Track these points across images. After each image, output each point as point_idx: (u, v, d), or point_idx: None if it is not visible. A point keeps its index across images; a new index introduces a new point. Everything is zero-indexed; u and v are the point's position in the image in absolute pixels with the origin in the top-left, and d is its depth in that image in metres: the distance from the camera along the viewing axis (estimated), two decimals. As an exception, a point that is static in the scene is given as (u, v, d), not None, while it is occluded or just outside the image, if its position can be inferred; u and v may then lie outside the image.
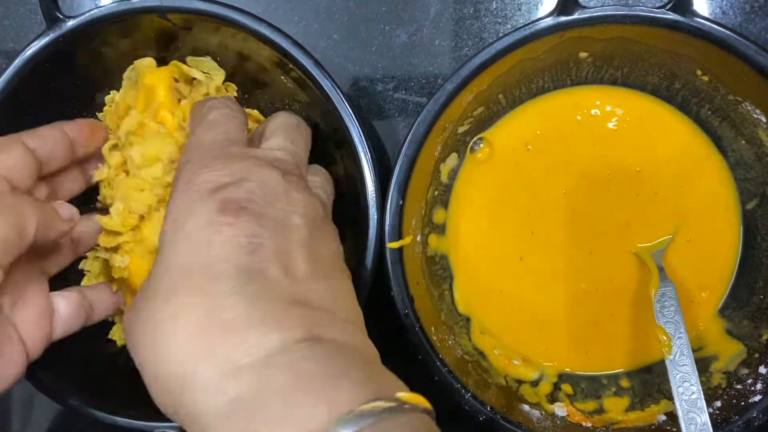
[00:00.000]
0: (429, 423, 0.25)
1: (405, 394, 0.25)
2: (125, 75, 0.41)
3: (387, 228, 0.37)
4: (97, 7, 0.37)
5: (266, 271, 0.26)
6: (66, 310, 0.35)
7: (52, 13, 0.37)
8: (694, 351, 0.38)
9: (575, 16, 0.36)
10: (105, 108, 0.41)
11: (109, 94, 0.41)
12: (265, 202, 0.28)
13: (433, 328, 0.39)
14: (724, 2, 0.45)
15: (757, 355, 0.39)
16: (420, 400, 0.25)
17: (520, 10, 0.45)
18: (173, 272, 0.26)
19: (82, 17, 0.37)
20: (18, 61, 0.37)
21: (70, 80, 0.40)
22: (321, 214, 0.31)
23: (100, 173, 0.40)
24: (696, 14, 0.36)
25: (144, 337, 0.25)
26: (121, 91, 0.41)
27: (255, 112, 0.42)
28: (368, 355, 0.27)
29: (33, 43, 0.37)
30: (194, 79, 0.41)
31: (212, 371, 0.24)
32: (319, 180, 0.36)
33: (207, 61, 0.41)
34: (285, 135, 0.34)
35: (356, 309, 0.29)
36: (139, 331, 0.26)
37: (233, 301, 0.25)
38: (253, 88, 0.42)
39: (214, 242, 0.26)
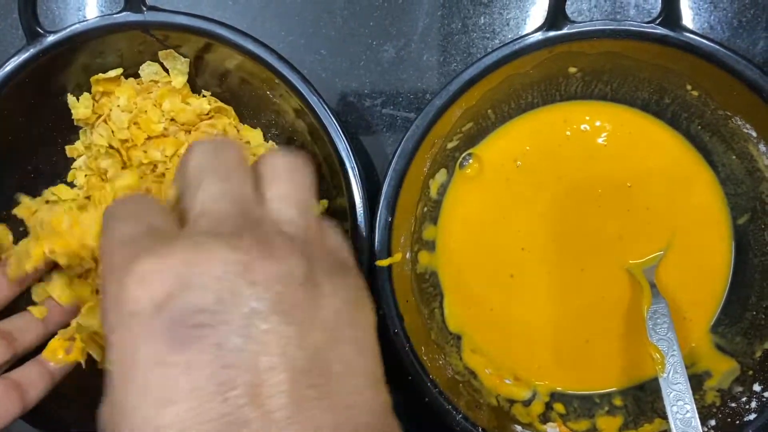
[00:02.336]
0: None
1: None
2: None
3: (376, 245, 0.36)
4: (78, 22, 0.37)
5: (246, 420, 0.20)
6: None
7: (32, 28, 0.36)
8: (687, 368, 0.37)
9: (564, 30, 0.36)
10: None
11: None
12: (221, 306, 0.21)
13: (423, 348, 0.38)
14: (712, 17, 0.45)
15: (750, 372, 0.39)
16: None
17: (508, 25, 0.45)
18: (126, 424, 0.20)
19: (63, 32, 0.36)
20: (-4, 77, 0.37)
21: (51, 95, 0.39)
22: (305, 269, 0.22)
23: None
24: (685, 29, 0.36)
25: None
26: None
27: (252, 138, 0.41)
28: None
29: (13, 58, 0.37)
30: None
31: None
32: (284, 191, 0.25)
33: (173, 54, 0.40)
34: (212, 175, 0.25)
35: (380, 402, 0.23)
36: None
37: None
38: (239, 104, 0.41)
39: (174, 397, 0.20)
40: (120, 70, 0.40)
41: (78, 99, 0.40)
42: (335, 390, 0.21)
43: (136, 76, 0.40)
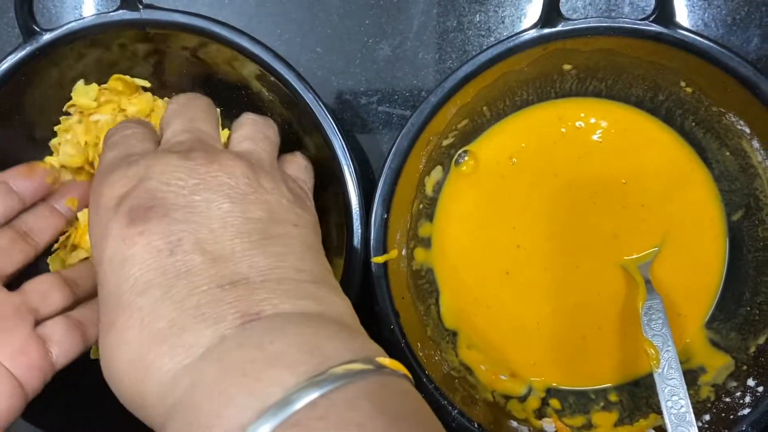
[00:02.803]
0: (409, 387, 0.24)
1: (384, 359, 0.23)
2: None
3: (372, 242, 0.37)
4: (74, 20, 0.37)
5: (191, 265, 0.25)
6: (57, 334, 0.34)
7: (29, 26, 0.36)
8: (681, 363, 0.38)
9: (558, 28, 0.36)
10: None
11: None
12: (171, 192, 0.27)
13: (419, 344, 0.38)
14: (707, 14, 0.45)
15: (745, 367, 0.39)
16: (399, 366, 0.24)
17: (503, 23, 0.45)
18: (108, 299, 0.26)
19: (60, 30, 0.37)
20: (-7, 75, 0.37)
21: (47, 93, 0.39)
22: (247, 172, 0.28)
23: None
24: (679, 26, 0.36)
25: (104, 365, 0.26)
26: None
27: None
28: (336, 315, 0.26)
29: (9, 57, 0.37)
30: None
31: (154, 386, 0.23)
32: (245, 132, 0.33)
33: None
34: (180, 117, 0.32)
35: (317, 265, 0.28)
36: (102, 359, 0.26)
37: (162, 309, 0.24)
38: (234, 102, 0.42)
39: (132, 257, 0.25)
40: (145, 83, 0.40)
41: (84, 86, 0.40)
42: (271, 245, 0.27)
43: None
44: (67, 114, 0.40)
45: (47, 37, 0.36)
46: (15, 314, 0.33)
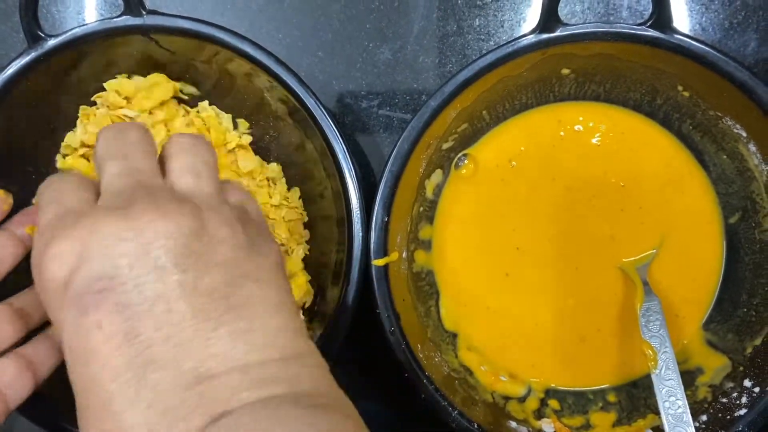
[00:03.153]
0: None
1: None
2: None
3: (372, 245, 0.37)
4: (79, 26, 0.37)
5: (154, 356, 0.23)
6: (8, 375, 0.33)
7: (33, 32, 0.37)
8: (679, 364, 0.38)
9: (557, 33, 0.37)
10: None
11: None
12: (117, 270, 0.24)
13: (419, 345, 0.38)
14: (704, 18, 0.45)
15: (741, 368, 0.39)
16: None
17: (502, 27, 0.46)
18: (80, 384, 0.24)
19: (64, 36, 0.37)
20: (-1, 79, 0.37)
21: (52, 99, 0.40)
22: (194, 224, 0.25)
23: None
24: (676, 31, 0.36)
25: None
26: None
27: None
28: (308, 388, 0.25)
29: (14, 62, 0.37)
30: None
31: None
32: (184, 163, 0.29)
33: None
34: (113, 157, 0.28)
35: (283, 332, 0.26)
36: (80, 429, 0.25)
37: (135, 415, 0.23)
38: (234, 106, 0.42)
39: (94, 354, 0.23)
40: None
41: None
42: (234, 319, 0.25)
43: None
44: (93, 104, 0.41)
45: (52, 42, 0.37)
46: None
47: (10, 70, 0.37)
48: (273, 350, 0.25)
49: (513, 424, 0.40)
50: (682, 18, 0.45)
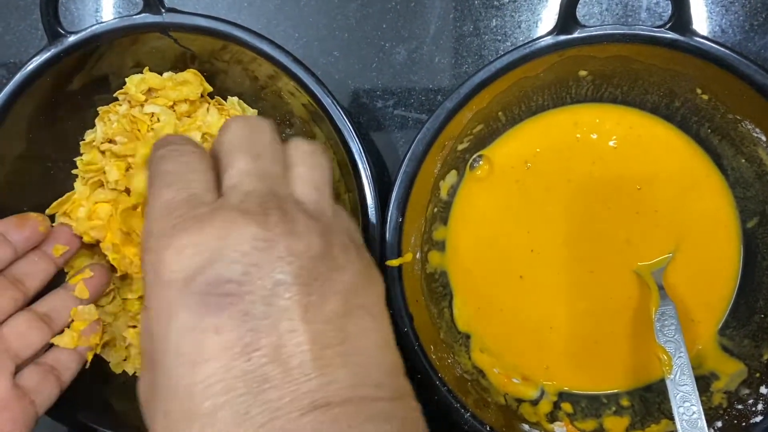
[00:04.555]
0: None
1: None
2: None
3: (386, 246, 0.37)
4: (98, 23, 0.37)
5: (269, 375, 0.22)
6: (34, 382, 0.34)
7: (53, 29, 0.37)
8: (693, 369, 0.38)
9: (575, 35, 0.36)
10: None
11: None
12: (247, 278, 0.23)
13: (432, 347, 0.38)
14: (724, 20, 0.45)
15: (758, 374, 0.39)
16: None
17: (519, 27, 0.46)
18: (171, 393, 0.23)
19: (84, 33, 0.37)
20: (19, 76, 0.38)
21: (71, 94, 0.40)
22: (322, 246, 0.25)
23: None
24: (695, 33, 0.36)
25: None
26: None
27: None
28: (409, 426, 0.24)
29: (34, 58, 0.37)
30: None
31: None
32: (307, 174, 0.28)
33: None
34: (245, 153, 0.27)
35: (393, 371, 0.25)
36: None
37: None
38: (252, 104, 0.42)
39: (206, 358, 0.22)
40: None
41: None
42: (349, 351, 0.24)
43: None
44: (115, 99, 0.41)
45: (72, 39, 0.37)
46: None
47: (31, 66, 0.37)
48: (385, 389, 0.24)
49: (526, 426, 0.40)
50: (702, 20, 0.45)
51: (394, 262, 0.37)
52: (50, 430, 0.44)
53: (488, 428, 0.37)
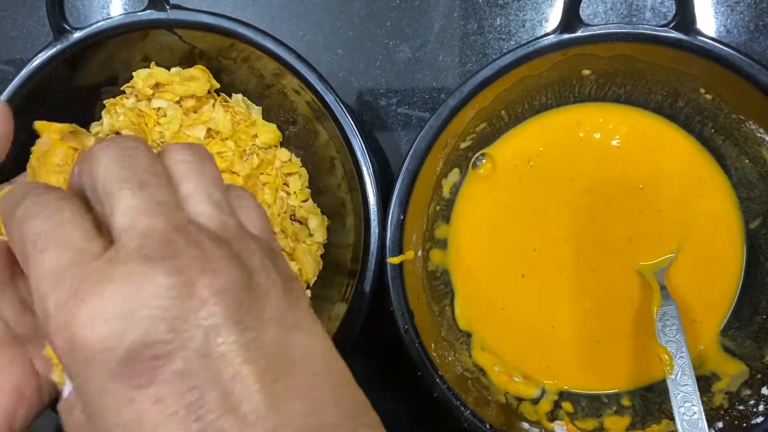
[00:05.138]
0: None
1: None
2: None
3: (388, 243, 0.37)
4: (104, 19, 0.38)
5: (222, 428, 0.20)
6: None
7: (59, 25, 0.37)
8: (695, 369, 0.38)
9: (578, 33, 0.36)
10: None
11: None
12: (173, 334, 0.20)
13: (433, 344, 0.38)
14: (729, 20, 0.45)
15: (759, 375, 0.39)
16: None
17: (524, 26, 0.46)
18: None
19: (89, 29, 0.37)
20: (25, 71, 0.38)
21: (77, 90, 0.40)
22: (238, 273, 0.22)
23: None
24: (699, 33, 0.36)
25: None
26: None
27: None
28: None
29: (40, 54, 0.38)
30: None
31: None
32: (201, 190, 0.24)
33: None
34: (127, 185, 0.23)
35: (338, 372, 0.24)
36: None
37: None
38: (258, 102, 0.42)
39: (151, 428, 0.20)
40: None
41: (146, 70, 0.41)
42: (298, 377, 0.22)
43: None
44: (123, 92, 0.42)
45: (77, 35, 0.37)
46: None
47: (36, 61, 0.37)
48: (342, 407, 0.23)
49: (525, 425, 0.40)
50: (707, 20, 0.45)
51: (395, 260, 0.37)
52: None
53: (488, 426, 0.37)
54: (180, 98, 0.41)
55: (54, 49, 0.38)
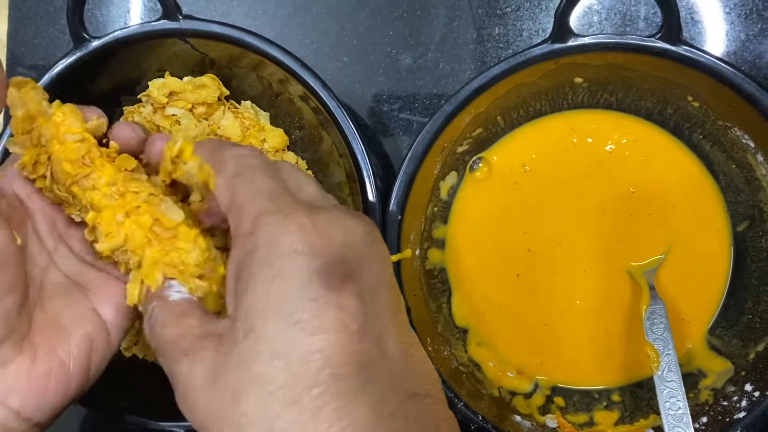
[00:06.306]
0: None
1: None
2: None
3: (386, 242, 0.39)
4: (120, 29, 0.40)
5: (374, 358, 0.24)
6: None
7: (78, 34, 0.40)
8: (682, 367, 0.39)
9: (569, 43, 0.38)
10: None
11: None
12: (359, 266, 0.24)
13: (429, 339, 0.40)
14: (720, 30, 0.46)
15: (744, 372, 0.40)
16: None
17: (521, 35, 0.47)
18: (263, 364, 0.23)
19: (106, 38, 0.40)
20: (46, 77, 0.40)
21: (96, 96, 0.42)
22: (367, 224, 0.26)
23: None
24: (685, 42, 0.37)
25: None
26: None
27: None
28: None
29: (60, 61, 0.40)
30: None
31: None
32: (305, 181, 0.29)
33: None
34: (305, 180, 0.29)
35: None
36: (216, 416, 0.23)
37: (357, 412, 0.22)
38: (267, 109, 0.44)
39: (326, 332, 0.23)
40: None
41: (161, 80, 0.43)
42: (415, 347, 0.26)
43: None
44: (139, 101, 0.44)
45: (95, 44, 0.40)
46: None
47: (57, 69, 0.40)
48: (435, 387, 0.26)
49: (518, 418, 0.41)
50: (697, 30, 0.46)
51: (393, 258, 0.39)
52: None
53: (480, 418, 0.39)
54: (192, 106, 0.43)
55: (73, 57, 0.40)
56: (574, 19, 0.46)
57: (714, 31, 0.46)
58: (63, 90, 0.40)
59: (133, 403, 0.41)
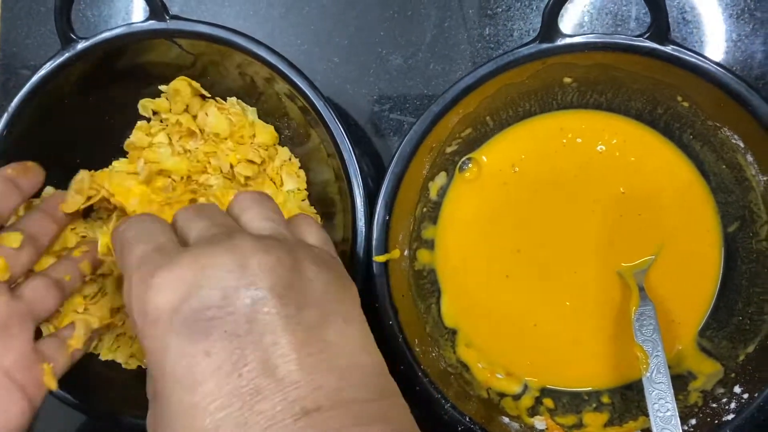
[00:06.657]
0: None
1: None
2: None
3: (374, 242, 0.39)
4: (107, 30, 0.40)
5: (260, 387, 0.24)
6: (51, 349, 0.36)
7: (66, 35, 0.40)
8: (672, 368, 0.39)
9: (557, 43, 0.38)
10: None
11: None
12: (226, 301, 0.25)
13: (416, 340, 0.40)
14: (711, 30, 0.46)
15: (733, 375, 0.40)
16: None
17: (512, 36, 0.47)
18: (173, 417, 0.25)
19: (93, 39, 0.40)
20: (34, 78, 0.40)
21: (84, 96, 0.42)
22: (288, 258, 0.27)
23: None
24: (674, 42, 0.37)
25: None
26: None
27: None
28: (397, 425, 0.26)
29: (48, 62, 0.40)
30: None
31: None
32: (257, 212, 0.30)
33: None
34: (201, 219, 0.30)
35: (375, 370, 0.27)
36: None
37: None
38: (252, 105, 0.44)
39: (201, 382, 0.24)
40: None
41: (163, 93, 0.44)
42: (331, 356, 0.26)
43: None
44: (146, 118, 0.44)
45: (82, 45, 0.40)
46: (20, 323, 0.34)
47: (44, 70, 0.40)
48: (370, 390, 0.26)
49: (506, 420, 0.41)
50: (689, 30, 0.46)
51: (380, 258, 0.39)
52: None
53: (468, 419, 0.38)
54: (186, 107, 0.44)
55: (61, 58, 0.40)
56: (565, 20, 0.46)
57: (705, 31, 0.46)
58: (53, 92, 0.40)
59: (134, 411, 0.41)
